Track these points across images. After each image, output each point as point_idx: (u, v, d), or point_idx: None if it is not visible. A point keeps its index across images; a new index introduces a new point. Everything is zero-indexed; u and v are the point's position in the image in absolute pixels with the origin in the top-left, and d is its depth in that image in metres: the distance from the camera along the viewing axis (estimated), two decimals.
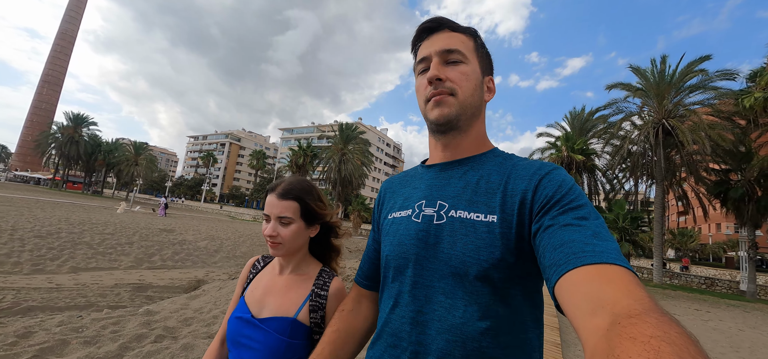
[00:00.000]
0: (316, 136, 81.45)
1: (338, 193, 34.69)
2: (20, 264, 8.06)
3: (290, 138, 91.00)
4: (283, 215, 0.98)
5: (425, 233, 0.73)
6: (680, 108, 16.81)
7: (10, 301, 5.79)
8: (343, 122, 36.83)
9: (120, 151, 49.24)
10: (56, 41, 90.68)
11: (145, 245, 11.56)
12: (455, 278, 0.67)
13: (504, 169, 0.73)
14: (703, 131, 14.41)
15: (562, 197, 0.63)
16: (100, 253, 9.93)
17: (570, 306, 0.48)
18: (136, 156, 49.15)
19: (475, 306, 0.65)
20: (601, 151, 22.50)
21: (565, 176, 0.67)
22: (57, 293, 6.65)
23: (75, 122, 46.06)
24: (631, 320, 0.38)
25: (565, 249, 0.54)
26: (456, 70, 0.76)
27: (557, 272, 0.52)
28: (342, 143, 34.45)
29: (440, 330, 0.66)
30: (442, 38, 0.77)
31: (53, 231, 10.57)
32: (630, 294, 0.43)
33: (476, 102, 0.78)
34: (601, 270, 0.48)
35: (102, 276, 8.23)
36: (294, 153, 37.23)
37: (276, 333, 0.93)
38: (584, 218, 0.58)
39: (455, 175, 0.77)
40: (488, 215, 0.68)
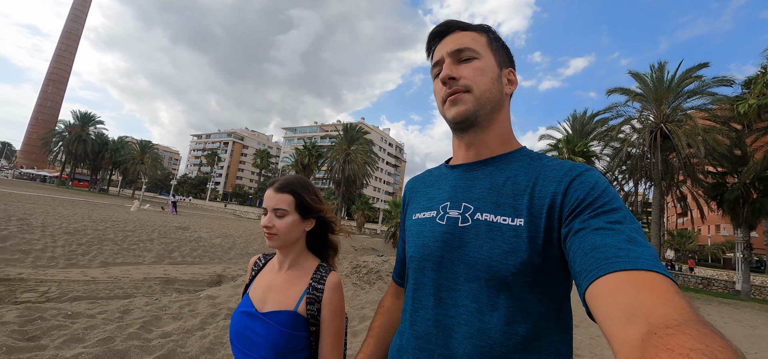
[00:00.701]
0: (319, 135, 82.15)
1: (342, 193, 35.26)
2: (55, 259, 8.65)
3: (293, 137, 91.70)
4: (278, 207, 1.04)
5: (450, 235, 0.72)
6: (678, 113, 17.31)
7: (57, 292, 6.37)
8: (347, 123, 37.40)
9: (126, 149, 49.89)
10: (61, 40, 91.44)
11: (164, 242, 12.14)
12: (481, 282, 0.66)
13: (532, 170, 0.72)
14: (698, 135, 14.92)
15: (594, 200, 0.60)
16: (125, 249, 10.51)
17: (602, 314, 0.46)
18: (141, 155, 49.79)
19: (503, 311, 0.64)
20: (601, 153, 23.01)
21: (598, 178, 0.65)
22: (94, 285, 7.23)
23: (82, 120, 46.71)
24: (669, 331, 0.36)
25: (596, 254, 0.52)
26: (469, 67, 0.76)
27: (588, 277, 0.51)
28: (346, 143, 35.01)
29: (467, 335, 0.65)
30: (453, 39, 0.78)
31: (80, 228, 11.16)
32: (668, 303, 0.41)
33: (495, 96, 0.76)
34: (637, 276, 0.46)
35: (130, 271, 8.81)
36: (299, 153, 37.82)
37: (278, 326, 0.97)
38: (618, 222, 0.56)
39: (480, 176, 0.76)
40: (515, 219, 0.66)
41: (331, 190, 39.28)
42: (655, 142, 17.12)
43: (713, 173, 18.17)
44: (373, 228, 39.80)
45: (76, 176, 51.79)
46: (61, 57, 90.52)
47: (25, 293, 6.16)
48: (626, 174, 21.19)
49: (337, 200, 36.07)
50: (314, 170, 38.41)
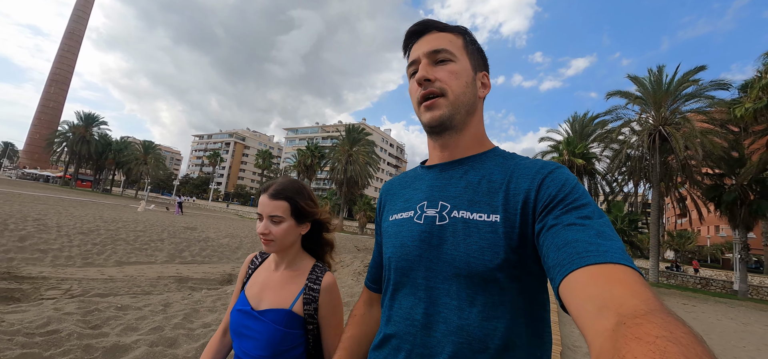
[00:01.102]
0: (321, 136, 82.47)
1: (344, 193, 35.58)
2: (72, 258, 8.95)
3: (295, 138, 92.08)
4: (274, 214, 1.05)
5: (428, 234, 0.73)
6: (677, 115, 17.60)
7: (80, 289, 6.68)
8: (349, 124, 37.73)
9: (129, 150, 50.28)
10: (64, 41, 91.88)
11: (174, 242, 12.45)
12: (460, 279, 0.67)
13: (506, 168, 0.73)
14: (696, 138, 15.21)
15: (565, 196, 0.62)
16: (138, 249, 10.82)
17: (575, 307, 0.48)
18: (144, 155, 50.16)
19: (481, 307, 0.65)
20: (601, 154, 23.31)
21: (568, 175, 0.67)
22: (112, 283, 7.54)
23: (86, 121, 47.09)
24: (637, 320, 0.38)
25: (568, 249, 0.53)
26: (445, 69, 0.76)
27: (561, 272, 0.52)
28: (348, 144, 35.33)
29: (447, 333, 0.66)
30: (430, 40, 0.79)
31: (93, 228, 11.47)
32: (635, 294, 0.43)
33: (469, 99, 0.77)
34: (606, 269, 0.48)
35: (144, 270, 9.12)
36: (302, 154, 38.14)
37: (273, 324, 0.99)
38: (588, 217, 0.58)
39: (456, 175, 0.77)
40: (491, 215, 0.68)
41: (332, 190, 39.64)
42: (654, 144, 17.42)
43: (711, 175, 18.45)
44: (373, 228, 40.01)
45: (79, 177, 52.17)
46: (63, 57, 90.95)
47: (49, 290, 6.47)
48: (626, 175, 21.49)
49: (339, 201, 36.41)
50: (317, 170, 38.72)
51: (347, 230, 34.16)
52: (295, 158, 43.00)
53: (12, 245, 8.60)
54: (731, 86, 16.03)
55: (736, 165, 17.06)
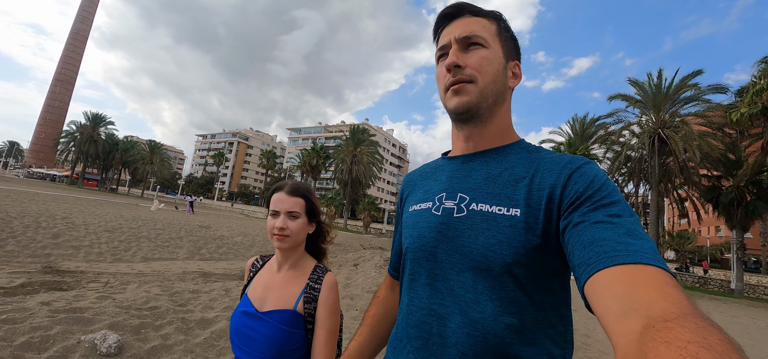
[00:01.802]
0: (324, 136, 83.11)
1: (348, 193, 36.14)
2: (102, 254, 9.53)
3: (298, 138, 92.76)
4: (292, 210, 1.08)
5: (445, 226, 0.72)
6: (676, 118, 18.10)
7: (115, 282, 7.24)
8: (354, 125, 38.34)
9: (135, 149, 50.98)
10: (69, 41, 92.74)
11: (192, 239, 13.03)
12: (477, 272, 0.66)
13: (530, 161, 0.71)
14: (694, 141, 15.70)
15: (594, 193, 0.60)
16: (160, 246, 11.40)
17: (600, 307, 0.46)
18: (151, 155, 50.84)
19: (498, 302, 0.64)
20: (603, 156, 23.81)
21: (598, 171, 0.65)
22: (143, 277, 8.10)
23: (93, 121, 47.78)
24: (667, 323, 0.36)
25: (595, 248, 0.52)
26: (476, 55, 0.74)
27: (587, 271, 0.51)
28: (353, 145, 35.88)
29: (461, 324, 0.66)
30: (462, 24, 0.76)
31: (117, 227, 12.06)
32: (666, 296, 0.41)
33: (499, 88, 0.75)
34: (635, 270, 0.46)
35: (168, 265, 9.68)
36: (307, 154, 38.72)
37: (278, 324, 1.01)
38: (617, 215, 0.56)
39: (477, 166, 0.76)
40: (511, 209, 0.66)
41: (337, 190, 40.21)
42: (653, 146, 17.92)
43: (709, 177, 18.94)
44: (378, 228, 40.67)
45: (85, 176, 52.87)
46: (68, 57, 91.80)
47: (90, 283, 7.03)
48: (626, 176, 22.00)
49: (343, 201, 36.98)
50: (322, 170, 39.31)
51: (351, 229, 34.72)
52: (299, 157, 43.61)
53: (47, 242, 9.18)
54: (728, 90, 16.53)
55: (733, 167, 17.55)
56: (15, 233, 9.08)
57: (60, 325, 3.27)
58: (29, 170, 65.58)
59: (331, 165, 38.88)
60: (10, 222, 9.62)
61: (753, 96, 13.54)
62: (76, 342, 3.00)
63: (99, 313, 3.69)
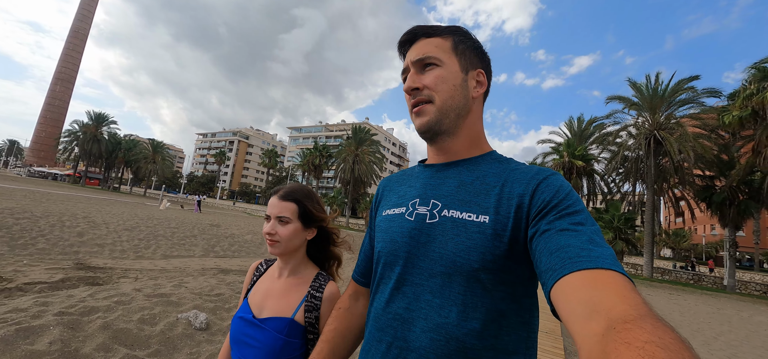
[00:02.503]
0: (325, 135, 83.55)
1: (350, 192, 36.67)
2: (125, 251, 10.03)
3: (298, 137, 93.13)
4: (281, 214, 1.06)
5: (417, 231, 0.74)
6: (672, 120, 18.68)
7: (145, 277, 7.74)
8: (356, 125, 38.81)
9: (137, 149, 51.38)
10: (69, 39, 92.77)
11: (205, 238, 13.54)
12: (445, 277, 0.68)
13: (501, 171, 0.74)
14: (688, 142, 16.29)
15: (559, 202, 0.63)
16: (176, 244, 11.90)
17: (566, 311, 0.49)
18: (153, 154, 51.25)
19: (462, 307, 0.66)
20: (599, 156, 24.39)
21: (563, 182, 0.68)
22: (167, 272, 8.61)
23: (97, 120, 48.11)
24: (627, 325, 0.39)
25: (560, 254, 0.54)
26: (430, 75, 0.77)
27: (553, 276, 0.53)
28: (355, 144, 36.39)
29: (425, 329, 0.68)
30: (418, 47, 0.80)
31: (134, 226, 12.56)
32: (625, 299, 0.44)
33: (459, 102, 0.78)
34: (597, 275, 0.49)
35: (187, 262, 10.19)
36: (310, 153, 39.22)
37: (275, 332, 0.99)
38: (580, 224, 0.59)
39: (450, 175, 0.79)
40: (480, 216, 0.69)
41: (338, 189, 40.73)
42: (649, 147, 18.50)
43: (703, 177, 19.54)
44: None
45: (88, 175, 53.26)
46: (68, 56, 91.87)
47: (120, 278, 7.54)
48: (623, 176, 22.59)
49: (345, 199, 37.52)
50: (324, 169, 39.81)
51: (353, 228, 35.27)
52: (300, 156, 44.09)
53: (74, 240, 9.68)
54: (722, 94, 17.10)
55: (726, 168, 18.15)
56: (43, 232, 9.58)
57: (158, 307, 3.98)
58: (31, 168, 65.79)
59: (333, 164, 39.38)
60: (37, 222, 10.11)
61: (743, 100, 14.11)
62: (175, 319, 3.70)
63: (182, 298, 4.37)
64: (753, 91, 13.76)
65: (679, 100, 18.43)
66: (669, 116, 18.83)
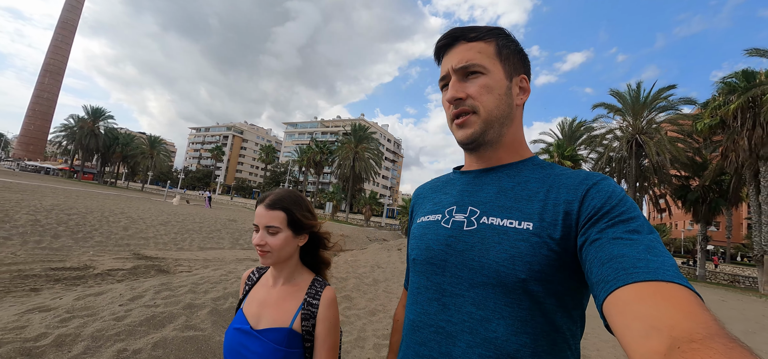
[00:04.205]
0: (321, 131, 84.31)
1: (350, 188, 37.96)
2: (167, 244, 11.16)
3: (294, 132, 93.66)
4: (270, 224, 1.02)
5: (455, 239, 0.71)
6: (653, 125, 20.50)
7: (195, 267, 8.92)
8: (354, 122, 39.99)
9: (134, 143, 51.53)
10: (57, 30, 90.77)
11: (229, 231, 14.68)
12: (488, 288, 0.65)
13: (544, 177, 0.71)
14: (665, 146, 18.10)
15: (611, 208, 0.59)
16: (206, 237, 13.04)
17: (620, 326, 0.45)
18: (151, 149, 51.48)
19: (511, 320, 0.62)
20: (588, 156, 26.21)
21: (615, 187, 0.64)
22: (210, 262, 9.77)
23: (93, 115, 48.08)
24: (694, 345, 0.35)
25: (614, 264, 0.50)
26: (475, 84, 0.74)
27: (606, 289, 0.49)
28: (354, 142, 37.62)
29: (472, 344, 0.64)
30: (459, 52, 0.76)
31: (166, 221, 13.62)
32: (691, 315, 0.40)
33: (503, 111, 0.75)
34: (657, 287, 0.45)
35: (220, 253, 11.38)
36: (311, 150, 40.26)
37: (273, 344, 0.96)
38: (636, 231, 0.55)
39: (489, 181, 0.76)
40: (522, 223, 0.65)
41: (337, 185, 41.96)
42: (632, 149, 20.28)
43: (679, 177, 21.48)
44: (377, 221, 42.67)
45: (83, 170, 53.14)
46: (57, 48, 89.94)
47: (175, 267, 8.72)
48: (608, 175, 24.45)
49: (344, 196, 38.82)
50: (324, 166, 40.96)
51: (352, 223, 36.58)
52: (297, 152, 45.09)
53: (122, 234, 10.77)
54: (696, 103, 18.94)
55: (700, 169, 20.08)
56: (95, 227, 10.63)
57: (232, 286, 5.10)
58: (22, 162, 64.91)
59: (333, 161, 40.56)
60: (85, 217, 11.14)
61: (712, 110, 15.90)
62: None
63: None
64: (721, 102, 15.54)
65: (658, 107, 20.24)
66: (650, 120, 20.63)
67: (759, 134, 14.26)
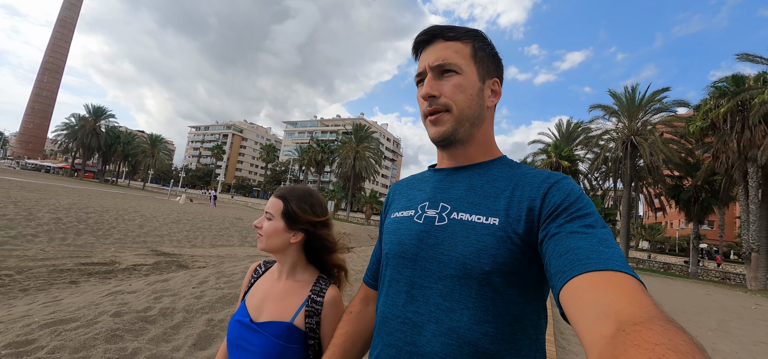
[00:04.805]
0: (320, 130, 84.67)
1: (351, 187, 38.49)
2: (181, 242, 11.63)
3: (294, 131, 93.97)
4: (268, 210, 1.07)
5: (426, 233, 0.74)
6: (648, 126, 21.10)
7: (211, 262, 9.41)
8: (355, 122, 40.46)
9: (135, 142, 51.86)
10: (56, 29, 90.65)
11: (237, 229, 15.15)
12: (454, 280, 0.68)
13: (511, 176, 0.75)
14: (659, 147, 18.72)
15: (569, 205, 0.63)
16: (216, 235, 13.51)
17: (574, 313, 0.48)
18: (152, 148, 51.80)
19: (474, 310, 0.65)
20: (585, 156, 26.83)
21: (574, 186, 0.68)
22: (223, 259, 10.25)
23: (95, 114, 48.37)
24: (636, 327, 0.38)
25: (570, 256, 0.54)
26: (449, 83, 0.76)
27: (562, 278, 0.53)
28: (356, 142, 38.12)
29: (437, 333, 0.67)
30: (436, 50, 0.78)
31: (178, 219, 14.08)
32: (635, 301, 0.43)
33: (475, 112, 0.78)
34: (607, 276, 0.49)
35: (231, 251, 11.85)
36: (313, 149, 40.72)
37: (272, 337, 0.97)
38: (591, 226, 0.59)
39: (460, 178, 0.79)
40: (489, 218, 0.69)
41: (337, 184, 42.44)
42: (627, 150, 20.89)
43: (673, 177, 22.12)
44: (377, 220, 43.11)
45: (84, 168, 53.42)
46: (56, 46, 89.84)
47: (193, 263, 9.20)
48: (604, 175, 25.09)
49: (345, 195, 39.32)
50: (326, 165, 41.44)
51: (352, 221, 37.08)
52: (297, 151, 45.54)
53: (138, 231, 11.23)
54: (689, 105, 19.55)
55: (692, 169, 20.70)
56: (113, 224, 11.08)
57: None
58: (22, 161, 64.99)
59: (334, 161, 41.05)
60: (102, 216, 11.60)
61: (704, 113, 16.50)
62: None
63: None
64: (712, 106, 16.14)
65: (653, 109, 20.85)
66: (645, 122, 21.24)
67: (747, 136, 14.86)
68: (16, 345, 2.71)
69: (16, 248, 7.65)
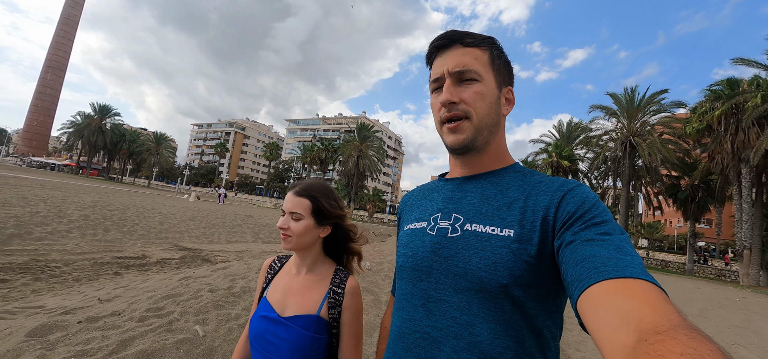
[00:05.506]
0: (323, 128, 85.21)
1: (354, 185, 39.11)
2: (199, 238, 12.22)
3: (296, 129, 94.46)
4: (294, 210, 1.07)
5: (439, 245, 0.74)
6: (646, 127, 21.65)
7: (230, 257, 9.98)
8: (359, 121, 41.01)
9: (140, 140, 52.49)
10: (59, 26, 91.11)
11: (249, 226, 15.75)
12: (471, 293, 0.67)
13: (524, 184, 0.74)
14: (657, 148, 19.29)
15: (585, 212, 0.62)
16: (230, 232, 14.10)
17: (593, 322, 0.47)
18: (157, 146, 52.42)
19: (494, 324, 0.64)
20: (584, 156, 27.37)
21: (589, 193, 0.67)
22: (241, 254, 10.84)
23: (101, 112, 48.95)
24: (659, 336, 0.37)
25: (587, 264, 0.53)
26: (469, 90, 0.75)
27: (580, 287, 0.52)
28: (359, 140, 38.70)
29: (457, 349, 0.66)
30: (455, 56, 0.77)
31: (193, 216, 14.68)
32: (657, 309, 0.42)
33: (493, 120, 0.78)
34: (626, 284, 0.47)
35: (246, 246, 12.44)
36: (315, 148, 41.29)
37: (302, 330, 1.01)
38: (607, 233, 0.58)
39: (472, 188, 0.78)
40: (504, 230, 0.68)
41: (340, 182, 43.03)
42: (626, 150, 21.45)
43: (670, 176, 22.69)
44: (380, 217, 43.84)
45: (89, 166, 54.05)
46: (59, 44, 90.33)
47: (214, 257, 9.77)
48: (603, 174, 25.66)
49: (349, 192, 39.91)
50: (330, 163, 42.04)
51: (356, 218, 37.75)
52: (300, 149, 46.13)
53: (159, 228, 11.82)
54: (687, 107, 20.09)
55: (689, 169, 21.27)
56: (135, 221, 11.68)
57: None
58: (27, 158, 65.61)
59: (338, 159, 41.65)
60: (124, 213, 12.20)
61: (700, 115, 17.06)
62: None
63: None
64: (707, 108, 16.70)
65: (651, 110, 21.40)
66: (644, 123, 21.79)
67: (741, 138, 15.41)
68: (152, 310, 3.42)
69: (55, 242, 8.25)
